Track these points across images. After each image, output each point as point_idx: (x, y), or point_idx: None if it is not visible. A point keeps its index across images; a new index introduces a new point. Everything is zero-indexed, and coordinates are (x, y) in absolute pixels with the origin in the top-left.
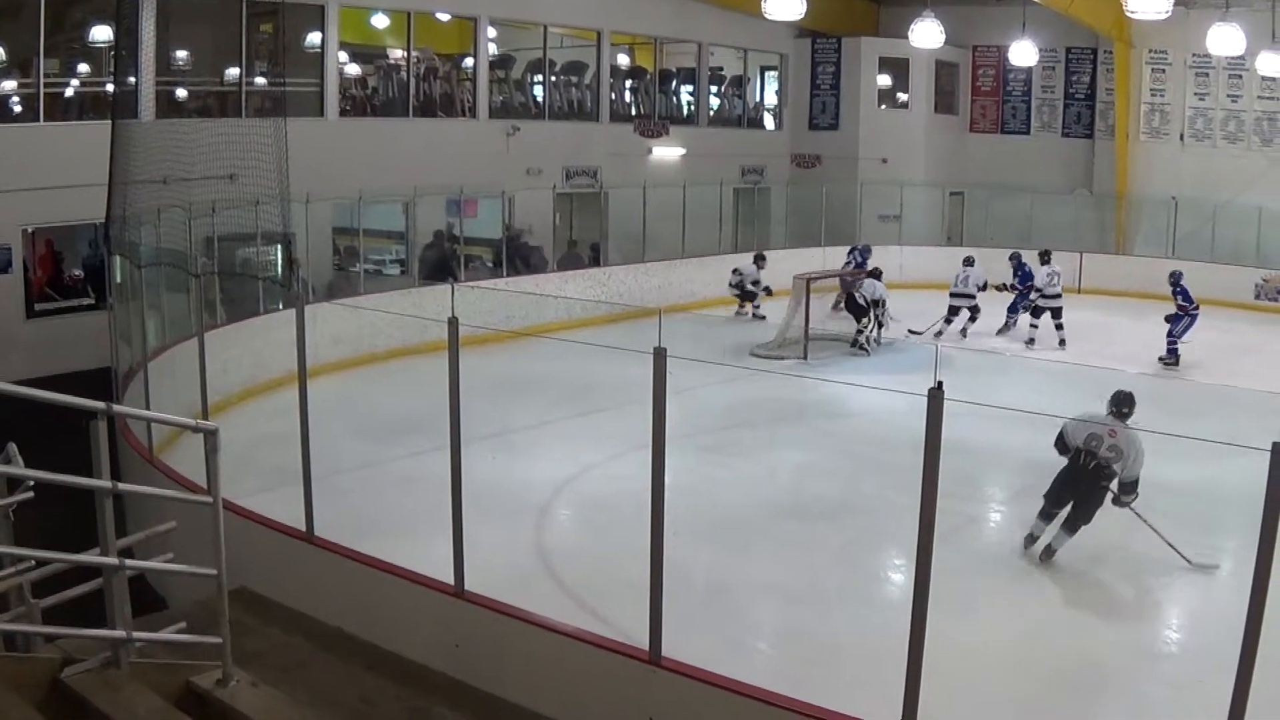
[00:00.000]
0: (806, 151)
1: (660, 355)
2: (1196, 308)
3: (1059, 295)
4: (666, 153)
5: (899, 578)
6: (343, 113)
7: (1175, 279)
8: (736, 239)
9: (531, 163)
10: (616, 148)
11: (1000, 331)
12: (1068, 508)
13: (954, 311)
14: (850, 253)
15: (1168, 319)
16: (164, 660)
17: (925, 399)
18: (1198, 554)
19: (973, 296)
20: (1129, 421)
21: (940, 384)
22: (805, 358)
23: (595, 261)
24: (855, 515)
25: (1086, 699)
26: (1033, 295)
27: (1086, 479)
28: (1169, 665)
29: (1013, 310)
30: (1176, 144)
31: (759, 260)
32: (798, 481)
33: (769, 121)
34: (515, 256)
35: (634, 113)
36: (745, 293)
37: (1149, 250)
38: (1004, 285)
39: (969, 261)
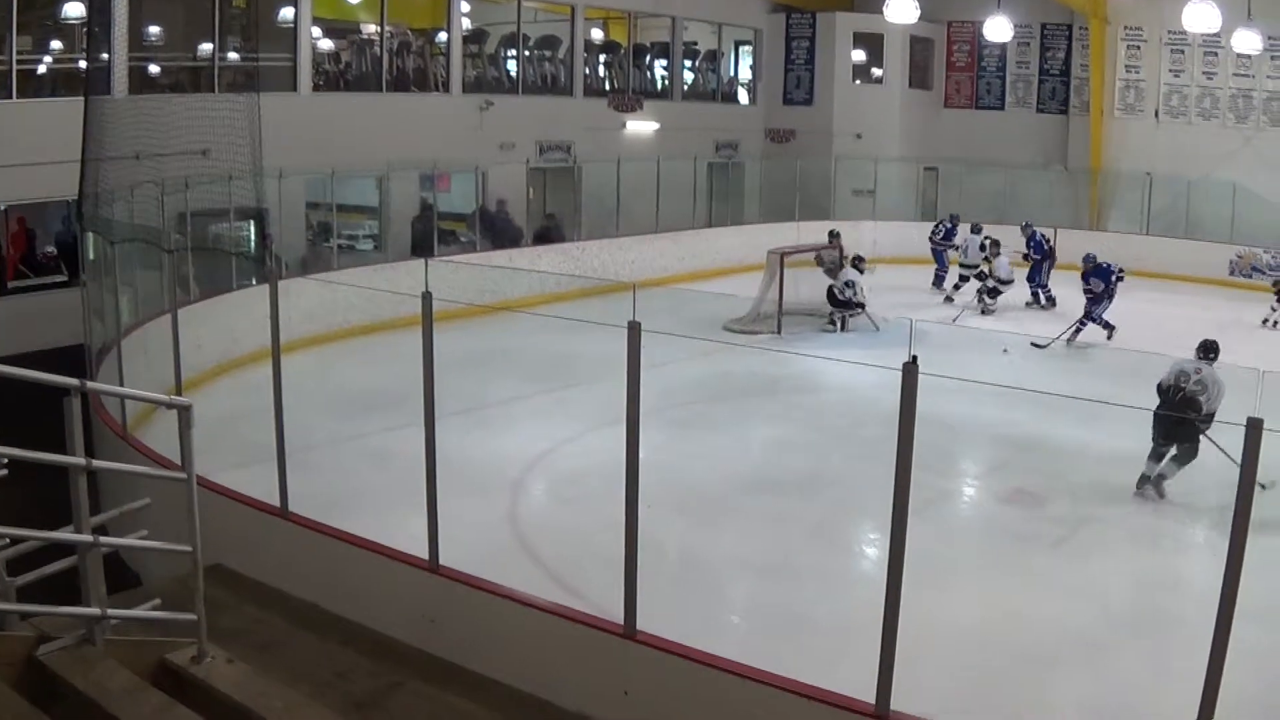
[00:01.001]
0: (781, 126)
1: (634, 329)
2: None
3: (976, 266)
4: (640, 127)
5: (873, 551)
6: (316, 88)
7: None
8: (710, 213)
9: (505, 137)
10: (590, 122)
11: (1029, 304)
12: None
13: (964, 280)
14: (938, 224)
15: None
16: (139, 637)
17: (899, 373)
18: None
19: (976, 265)
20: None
21: (915, 358)
22: (779, 332)
23: (558, 235)
24: (829, 489)
25: (1062, 672)
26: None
27: (1175, 405)
28: (1144, 637)
29: (1032, 280)
30: (1151, 120)
31: (833, 237)
32: (771, 456)
33: (743, 96)
34: (495, 228)
35: (608, 87)
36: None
37: (1123, 226)
38: (1022, 255)
39: (976, 229)
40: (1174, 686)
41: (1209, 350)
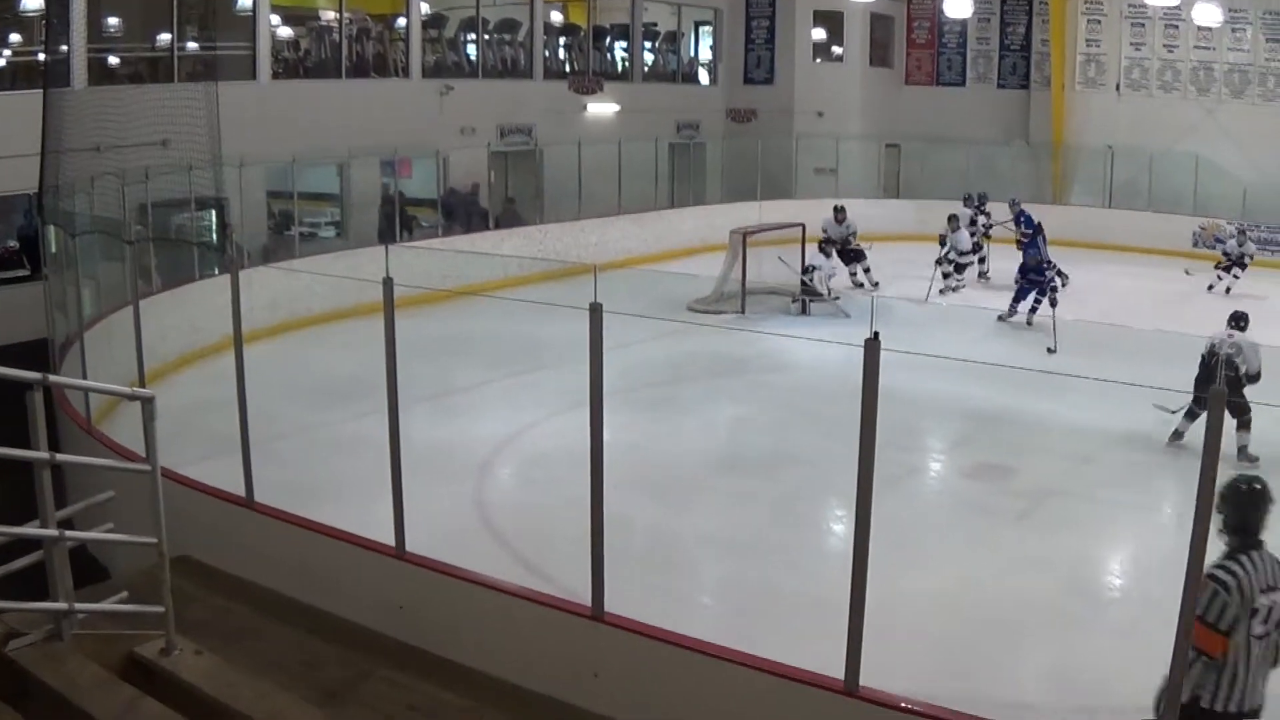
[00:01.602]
0: (742, 106)
1: (596, 311)
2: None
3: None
4: (601, 109)
5: (840, 528)
6: (275, 76)
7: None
8: (672, 194)
9: (465, 122)
10: (551, 105)
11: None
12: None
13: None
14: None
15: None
16: (107, 631)
17: (861, 350)
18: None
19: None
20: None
21: (876, 334)
22: (743, 311)
23: (516, 219)
24: (796, 467)
25: (1030, 645)
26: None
27: (1216, 373)
28: (1110, 610)
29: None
30: (1112, 94)
31: (839, 212)
32: (737, 435)
33: (704, 77)
34: (465, 212)
35: (568, 70)
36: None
37: (1085, 200)
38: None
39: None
40: (1141, 656)
41: (1239, 320)
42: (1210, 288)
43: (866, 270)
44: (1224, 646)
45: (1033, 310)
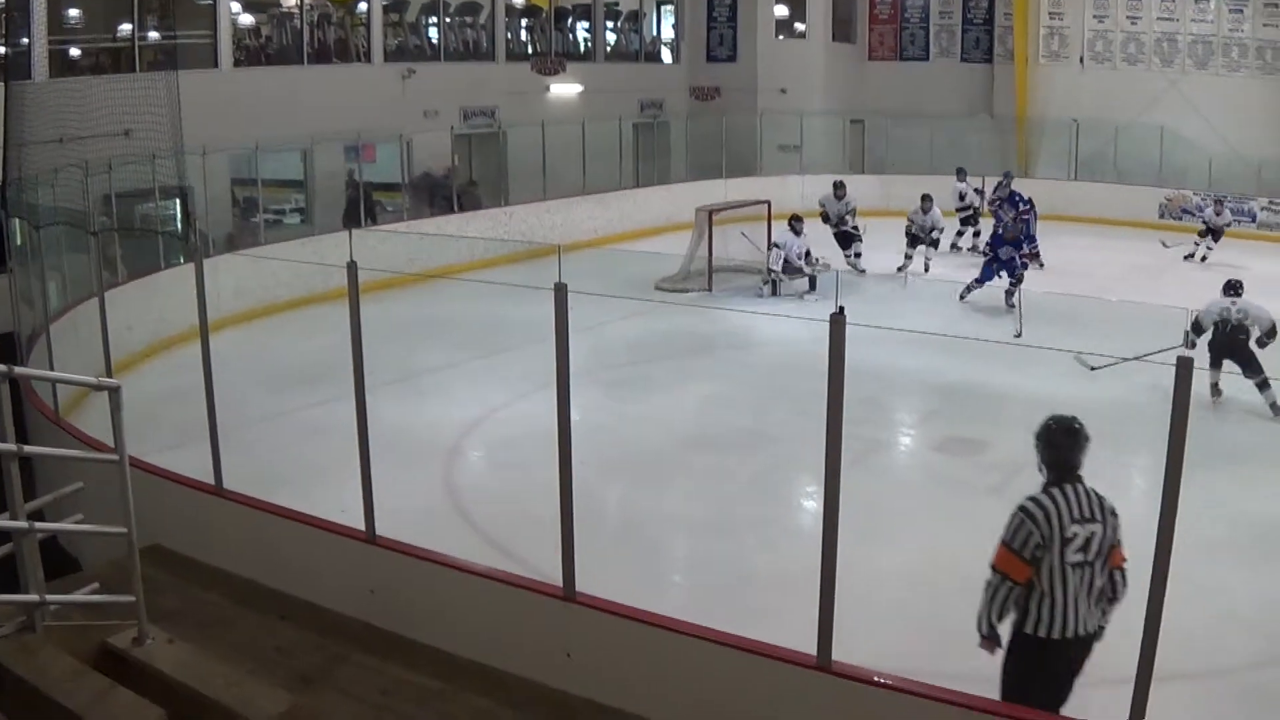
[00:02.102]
0: (705, 84)
1: (561, 291)
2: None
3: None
4: (564, 90)
5: (811, 504)
6: (237, 63)
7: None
8: (637, 174)
9: (428, 105)
10: (514, 87)
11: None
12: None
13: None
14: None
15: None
16: (79, 622)
17: (827, 325)
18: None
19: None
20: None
21: (842, 309)
22: (710, 289)
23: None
24: (766, 444)
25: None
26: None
27: (1232, 337)
28: None
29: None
30: (1076, 66)
31: (838, 188)
32: (707, 413)
33: (666, 55)
34: (442, 195)
35: (530, 51)
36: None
37: (1051, 173)
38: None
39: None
40: (1113, 623)
41: (1237, 286)
42: (1188, 256)
43: (858, 255)
44: (1028, 573)
45: (1009, 293)
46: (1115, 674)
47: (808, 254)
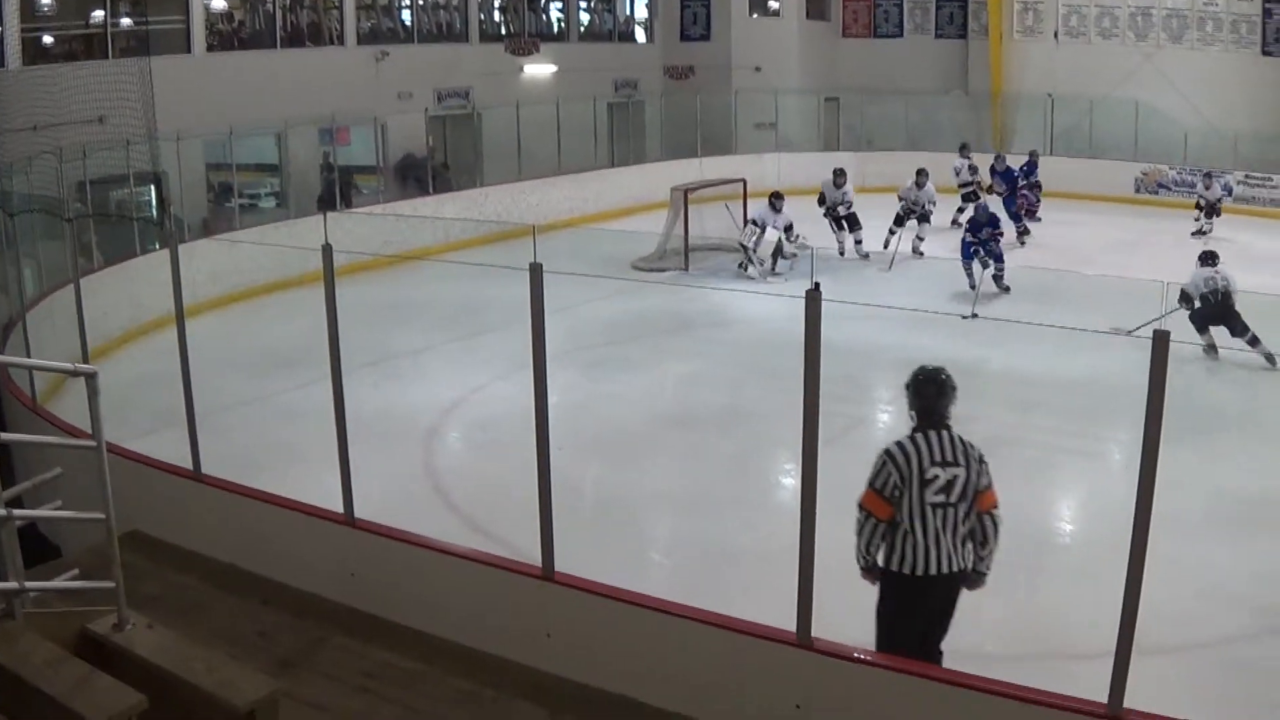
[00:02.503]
0: (679, 63)
1: (536, 271)
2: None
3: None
4: (538, 70)
5: (790, 481)
6: (210, 48)
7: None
8: (612, 154)
9: (402, 87)
10: (488, 68)
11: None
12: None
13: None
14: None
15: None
16: (60, 609)
17: (803, 302)
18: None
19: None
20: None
21: (817, 285)
22: (686, 268)
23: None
24: (744, 422)
25: (982, 593)
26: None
27: (1222, 304)
28: (1061, 555)
29: (1010, 213)
30: (1050, 41)
31: (838, 176)
32: (685, 392)
33: (640, 35)
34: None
35: (504, 32)
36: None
37: (1027, 148)
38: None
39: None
40: (1093, 600)
41: (1213, 257)
42: (1194, 234)
43: (858, 242)
44: (889, 512)
45: (997, 277)
46: (1096, 649)
47: (789, 228)
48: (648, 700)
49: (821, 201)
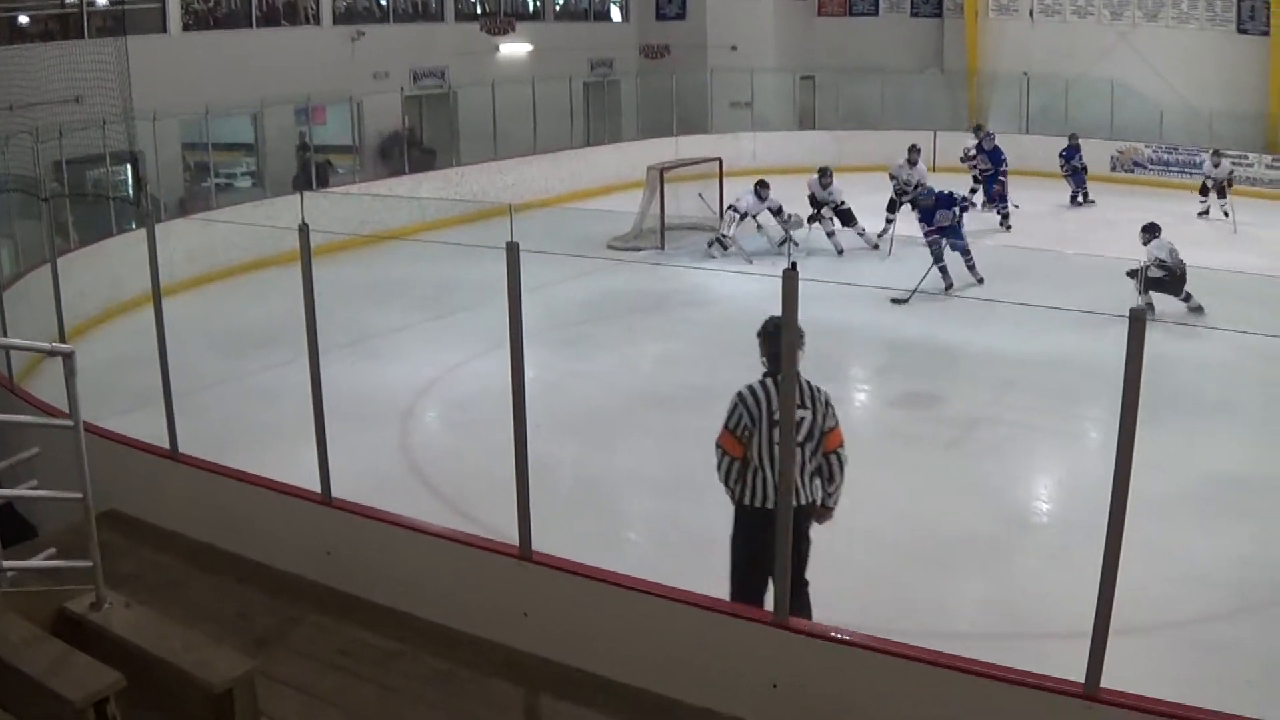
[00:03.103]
0: (655, 42)
1: (512, 250)
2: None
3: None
4: (514, 50)
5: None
6: (186, 27)
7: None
8: (588, 133)
9: (378, 66)
10: (463, 47)
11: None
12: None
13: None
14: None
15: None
16: (37, 588)
17: (780, 281)
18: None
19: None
20: None
21: (794, 264)
22: (662, 247)
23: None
24: (720, 402)
25: (961, 573)
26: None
27: (1184, 279)
28: (1038, 535)
29: (988, 194)
30: (1026, 20)
31: (824, 175)
32: (661, 371)
33: (615, 14)
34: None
35: (479, 11)
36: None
37: (1002, 127)
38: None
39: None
40: (1071, 579)
41: (1153, 228)
42: (1201, 214)
43: (861, 233)
44: (741, 450)
45: (971, 267)
46: (1073, 627)
47: (779, 211)
48: (625, 680)
49: (814, 203)
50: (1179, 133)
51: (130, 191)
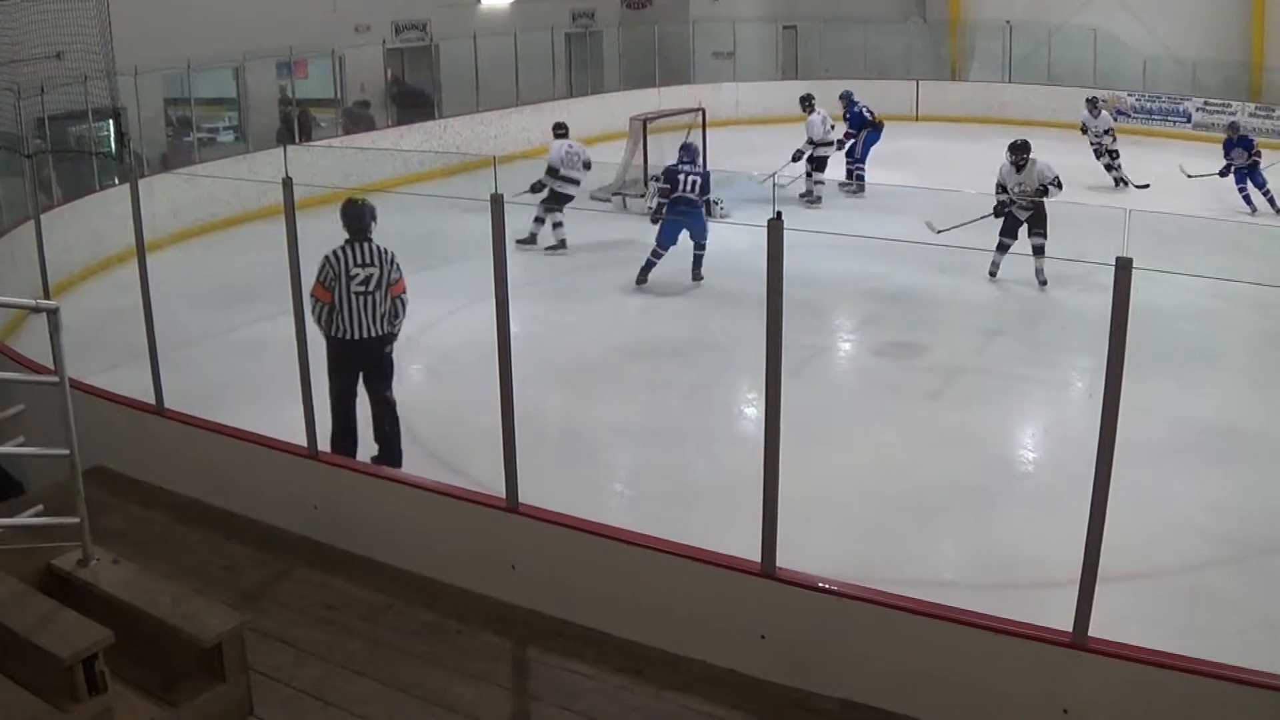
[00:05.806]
0: None
1: (497, 202)
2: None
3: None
4: (496, 2)
5: (752, 411)
6: None
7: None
8: (571, 84)
9: (359, 19)
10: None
11: (843, 185)
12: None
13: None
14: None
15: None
16: (24, 545)
17: (765, 230)
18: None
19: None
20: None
21: (779, 214)
22: (645, 197)
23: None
24: (706, 352)
25: (946, 523)
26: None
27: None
28: (1025, 484)
29: (850, 155)
30: None
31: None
32: (645, 323)
33: None
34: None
35: None
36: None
37: (984, 76)
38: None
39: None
40: (1056, 528)
41: (1026, 148)
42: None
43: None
44: (329, 297)
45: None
46: (1060, 576)
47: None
48: (612, 631)
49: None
50: (1162, 82)
51: (113, 147)
